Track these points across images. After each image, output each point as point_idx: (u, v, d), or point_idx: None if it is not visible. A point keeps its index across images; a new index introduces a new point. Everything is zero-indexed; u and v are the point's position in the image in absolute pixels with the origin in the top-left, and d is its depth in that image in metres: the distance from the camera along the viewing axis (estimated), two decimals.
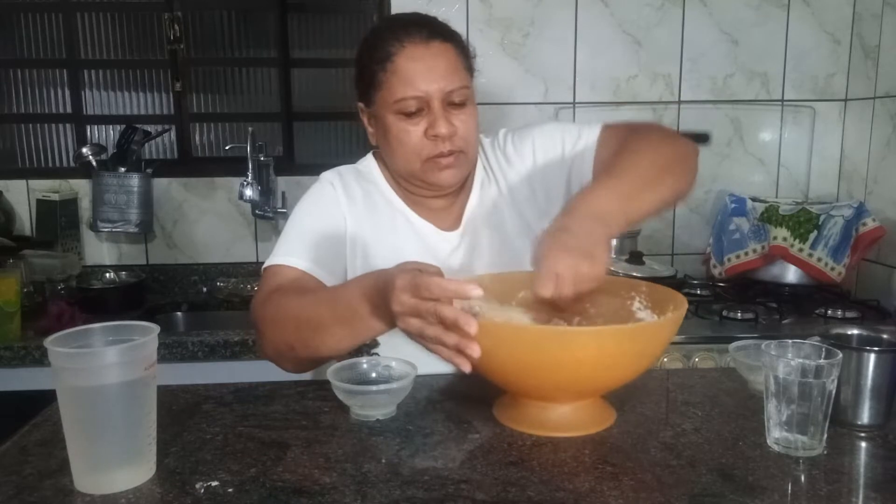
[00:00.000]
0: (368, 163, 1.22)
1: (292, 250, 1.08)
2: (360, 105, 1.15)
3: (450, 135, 1.07)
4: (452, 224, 1.18)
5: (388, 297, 0.81)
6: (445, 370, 0.97)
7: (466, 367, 0.78)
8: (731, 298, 1.91)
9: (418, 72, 1.05)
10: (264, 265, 1.08)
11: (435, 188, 1.14)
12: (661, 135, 1.08)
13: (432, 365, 1.03)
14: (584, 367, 0.80)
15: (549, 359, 0.78)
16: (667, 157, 1.01)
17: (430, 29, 1.08)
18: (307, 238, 1.10)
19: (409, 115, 1.06)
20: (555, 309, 0.89)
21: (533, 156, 1.18)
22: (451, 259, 1.14)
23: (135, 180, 2.09)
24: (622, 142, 1.06)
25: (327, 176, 1.18)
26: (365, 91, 1.11)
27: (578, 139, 1.15)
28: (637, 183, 0.94)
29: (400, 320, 0.81)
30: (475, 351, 0.76)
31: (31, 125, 2.24)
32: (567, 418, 0.85)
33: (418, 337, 0.81)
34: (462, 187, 1.19)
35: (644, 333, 0.83)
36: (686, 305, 0.85)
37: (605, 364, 0.81)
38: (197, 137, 2.29)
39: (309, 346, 0.95)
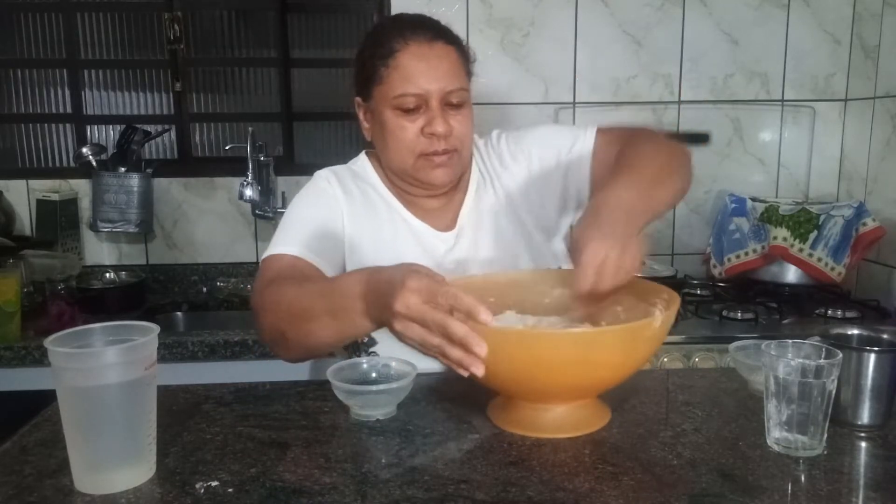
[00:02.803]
0: (363, 163, 1.22)
1: (292, 240, 1.07)
2: (357, 99, 1.16)
3: (446, 134, 1.08)
4: (448, 225, 1.18)
5: (391, 295, 0.77)
6: (445, 370, 0.97)
7: (465, 373, 0.76)
8: (731, 298, 1.91)
9: (420, 70, 1.06)
10: (263, 256, 1.07)
11: (426, 186, 1.14)
12: (658, 138, 1.10)
13: (432, 365, 1.04)
14: (568, 368, 0.79)
15: (529, 361, 0.78)
16: (669, 157, 1.04)
17: (434, 30, 1.10)
18: (307, 229, 1.09)
19: (406, 111, 1.08)
20: (589, 304, 0.88)
21: (528, 160, 1.19)
22: (446, 259, 1.14)
23: (135, 180, 2.08)
24: (625, 144, 1.08)
25: (323, 174, 1.18)
26: (364, 85, 1.12)
27: (574, 144, 1.16)
28: (652, 179, 0.97)
29: (399, 321, 0.77)
30: (479, 370, 0.74)
31: (31, 125, 2.24)
32: (561, 419, 0.85)
33: (415, 341, 0.78)
34: (456, 188, 1.20)
35: (625, 336, 0.81)
36: (677, 305, 0.85)
37: (589, 366, 0.80)
38: (197, 137, 2.29)
39: (299, 334, 0.93)
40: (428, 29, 1.10)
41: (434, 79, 1.07)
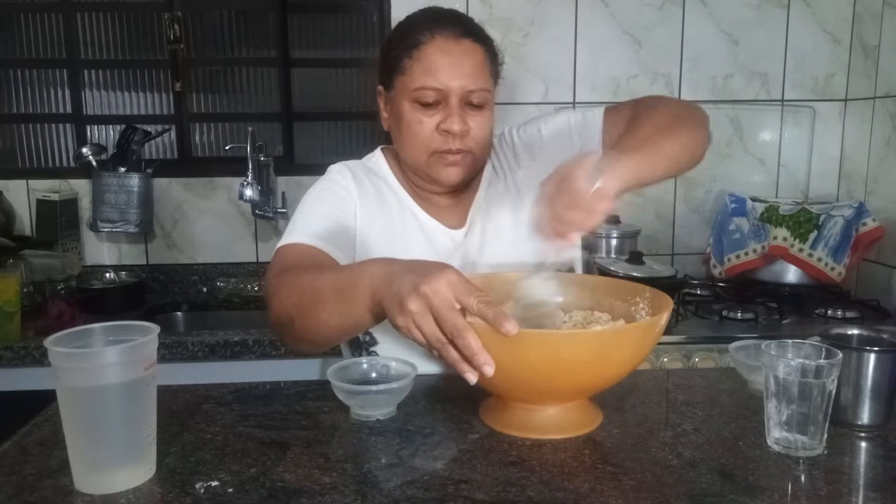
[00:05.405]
0: (377, 158, 1.22)
1: (306, 231, 1.05)
2: (379, 88, 1.15)
3: (462, 133, 1.07)
4: (458, 222, 1.18)
5: (424, 275, 0.74)
6: (446, 370, 0.97)
7: (473, 379, 0.75)
8: (731, 298, 1.91)
9: (443, 65, 1.05)
10: (277, 245, 1.04)
11: (437, 183, 1.13)
12: (667, 102, 1.05)
13: (432, 365, 1.04)
14: (557, 369, 0.78)
15: (520, 361, 0.76)
16: (671, 118, 0.98)
17: (464, 27, 1.09)
18: (321, 221, 1.07)
19: (425, 105, 1.06)
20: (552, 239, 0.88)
21: (541, 148, 1.17)
22: (452, 257, 1.14)
23: (135, 180, 2.09)
24: (631, 117, 1.04)
25: (336, 167, 1.18)
26: (387, 74, 1.12)
27: (584, 125, 1.13)
28: (641, 141, 0.92)
29: (415, 303, 0.73)
30: (473, 377, 0.74)
31: (31, 125, 2.24)
32: (552, 421, 0.85)
33: (420, 332, 0.75)
34: (470, 185, 1.19)
35: (639, 334, 0.81)
36: (669, 310, 0.83)
37: (602, 364, 0.79)
38: (197, 137, 2.29)
39: (305, 317, 0.90)
40: (457, 25, 1.08)
41: (456, 76, 1.05)
